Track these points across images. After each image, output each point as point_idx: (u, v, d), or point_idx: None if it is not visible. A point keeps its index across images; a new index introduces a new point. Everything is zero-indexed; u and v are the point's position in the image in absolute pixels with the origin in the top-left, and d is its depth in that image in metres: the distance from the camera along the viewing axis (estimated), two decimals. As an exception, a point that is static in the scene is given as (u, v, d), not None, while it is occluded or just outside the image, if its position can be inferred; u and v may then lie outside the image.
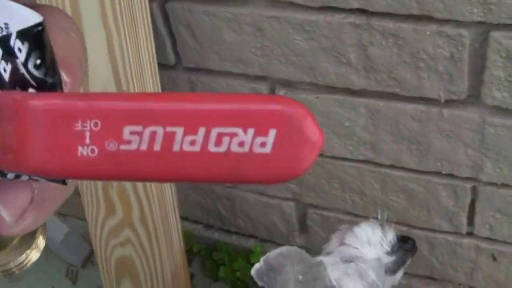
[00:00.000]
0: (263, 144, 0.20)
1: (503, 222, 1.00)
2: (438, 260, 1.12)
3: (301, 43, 0.92)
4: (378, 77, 0.90)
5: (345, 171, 1.06)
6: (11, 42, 0.22)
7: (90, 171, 0.21)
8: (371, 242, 0.85)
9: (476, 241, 1.05)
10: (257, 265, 0.78)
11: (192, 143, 0.20)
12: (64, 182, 0.23)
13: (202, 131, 0.20)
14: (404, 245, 0.87)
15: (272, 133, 0.20)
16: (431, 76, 0.86)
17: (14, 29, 0.22)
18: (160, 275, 1.14)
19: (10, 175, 0.23)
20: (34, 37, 0.23)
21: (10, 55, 0.22)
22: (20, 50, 0.22)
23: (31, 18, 0.22)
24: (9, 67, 0.22)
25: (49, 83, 0.23)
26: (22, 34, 0.22)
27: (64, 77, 0.23)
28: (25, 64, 0.22)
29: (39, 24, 0.23)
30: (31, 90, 0.23)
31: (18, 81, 0.22)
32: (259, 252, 1.25)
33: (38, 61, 0.23)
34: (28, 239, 0.28)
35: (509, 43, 0.79)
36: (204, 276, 1.37)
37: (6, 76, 0.22)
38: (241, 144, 0.20)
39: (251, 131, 0.20)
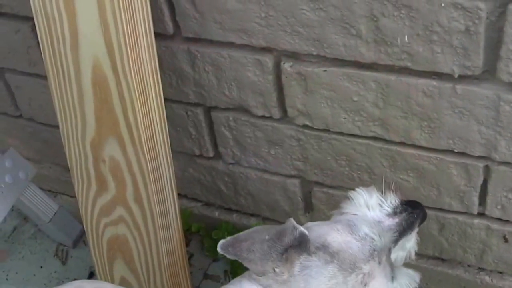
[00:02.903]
0: None
1: (516, 202, 1.04)
2: (447, 241, 1.16)
3: (308, 13, 0.94)
4: (389, 50, 0.92)
5: (353, 148, 1.09)
6: None
7: None
8: (369, 204, 0.85)
9: (487, 221, 1.09)
10: (222, 240, 0.80)
11: None
12: None
13: None
14: (409, 208, 0.86)
15: None
16: (445, 50, 0.89)
17: None
18: (156, 255, 1.17)
19: None
20: None
21: None
22: None
23: None
24: None
25: None
26: None
27: None
28: None
29: None
30: None
31: None
32: (260, 232, 1.28)
33: None
34: None
35: (528, 17, 0.81)
36: (203, 256, 1.41)
37: None
38: None
39: None
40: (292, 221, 0.78)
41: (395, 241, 0.83)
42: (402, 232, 0.84)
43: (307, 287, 0.76)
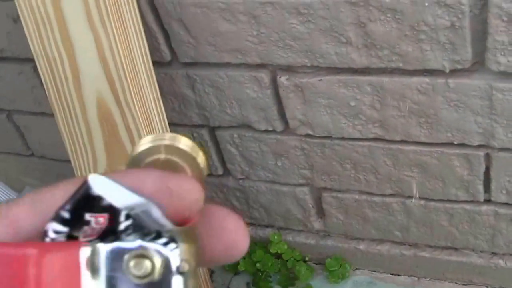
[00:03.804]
0: None
1: (520, 186, 1.06)
2: (458, 230, 1.18)
3: (298, 27, 0.96)
4: (380, 53, 0.95)
5: (356, 151, 1.11)
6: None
7: None
8: None
9: (494, 207, 1.12)
10: None
11: None
12: None
13: None
14: None
15: None
16: (433, 47, 0.92)
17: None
18: (178, 275, 1.19)
19: None
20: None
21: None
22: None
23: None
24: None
25: None
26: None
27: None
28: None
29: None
30: None
31: None
32: (277, 241, 1.31)
33: None
34: None
35: (510, 6, 0.83)
36: (224, 271, 1.43)
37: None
38: None
39: None
40: None
41: None
42: None
43: None
